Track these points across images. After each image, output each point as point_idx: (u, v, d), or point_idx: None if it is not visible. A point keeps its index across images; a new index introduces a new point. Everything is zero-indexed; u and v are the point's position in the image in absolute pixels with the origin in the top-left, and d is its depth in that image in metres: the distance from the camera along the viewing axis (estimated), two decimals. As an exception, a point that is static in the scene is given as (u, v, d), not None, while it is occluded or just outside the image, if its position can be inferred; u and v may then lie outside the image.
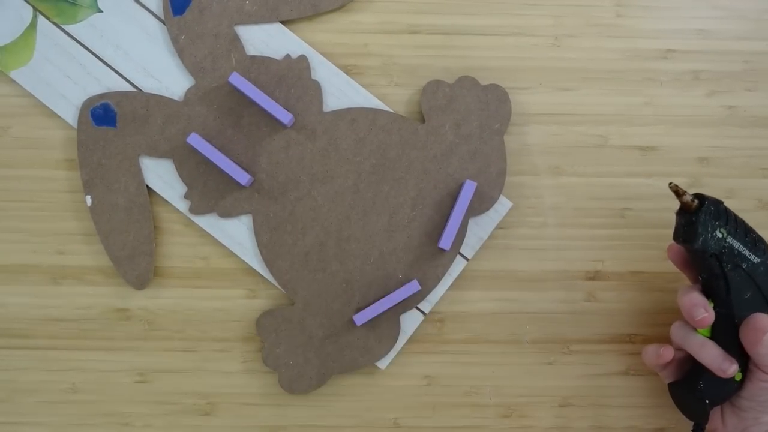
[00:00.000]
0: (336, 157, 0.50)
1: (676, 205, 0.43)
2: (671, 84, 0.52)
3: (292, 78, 0.50)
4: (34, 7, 0.50)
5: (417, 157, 0.50)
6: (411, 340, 0.51)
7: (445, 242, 0.49)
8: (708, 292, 0.43)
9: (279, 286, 0.50)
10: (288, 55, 0.50)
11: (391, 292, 0.49)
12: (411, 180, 0.50)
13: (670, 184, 0.42)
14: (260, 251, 0.50)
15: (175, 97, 0.50)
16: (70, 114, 0.50)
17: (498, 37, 0.52)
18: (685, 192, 0.42)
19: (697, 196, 0.42)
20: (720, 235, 0.41)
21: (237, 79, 0.49)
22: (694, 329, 0.44)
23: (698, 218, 0.41)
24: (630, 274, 0.52)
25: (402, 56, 0.51)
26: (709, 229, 0.41)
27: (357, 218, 0.50)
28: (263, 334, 0.50)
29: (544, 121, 0.52)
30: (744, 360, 0.43)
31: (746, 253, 0.41)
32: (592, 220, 0.52)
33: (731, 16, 0.52)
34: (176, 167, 0.50)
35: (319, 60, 0.51)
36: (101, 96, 0.50)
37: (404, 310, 0.50)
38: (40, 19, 0.50)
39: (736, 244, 0.41)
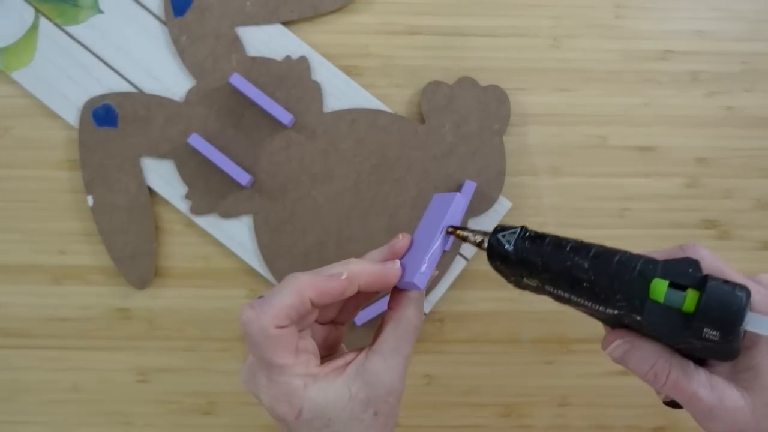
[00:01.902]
0: (336, 157, 0.50)
1: (676, 205, 0.43)
2: (670, 84, 0.52)
3: (292, 79, 0.50)
4: (35, 9, 0.50)
5: (417, 157, 0.50)
6: (411, 340, 0.51)
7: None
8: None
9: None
10: (288, 56, 0.51)
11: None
12: (411, 180, 0.50)
13: (450, 229, 0.33)
14: (260, 251, 0.50)
15: (176, 98, 0.51)
16: (71, 115, 0.51)
17: (497, 38, 0.52)
18: (468, 234, 0.32)
19: (495, 233, 0.32)
20: (534, 283, 0.31)
21: (237, 80, 0.49)
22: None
23: (494, 265, 0.32)
24: (629, 273, 0.52)
25: (402, 57, 0.52)
26: (514, 279, 0.32)
27: (357, 218, 0.50)
28: (264, 333, 0.50)
29: (544, 122, 0.52)
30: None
31: (589, 304, 0.30)
32: (591, 220, 0.52)
33: (729, 17, 0.52)
34: (177, 167, 0.50)
35: (319, 61, 0.51)
36: (102, 97, 0.50)
37: (404, 310, 0.50)
38: (42, 20, 0.51)
39: (563, 294, 0.31)
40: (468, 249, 0.51)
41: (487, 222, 0.51)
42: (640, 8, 0.52)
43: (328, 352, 0.34)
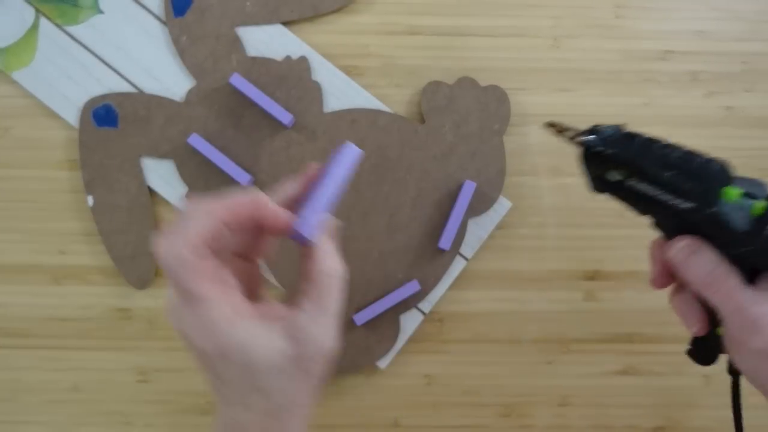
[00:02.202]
0: (336, 157, 0.50)
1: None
2: (670, 84, 0.52)
3: (292, 79, 0.50)
4: (36, 9, 0.51)
5: (417, 157, 0.50)
6: (411, 340, 0.51)
7: (445, 242, 0.49)
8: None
9: (279, 286, 0.51)
10: (288, 56, 0.51)
11: (391, 292, 0.49)
12: (411, 180, 0.50)
13: (548, 123, 0.36)
14: (261, 251, 0.50)
15: (176, 98, 0.51)
16: (71, 115, 0.51)
17: (497, 39, 0.52)
18: (565, 129, 0.35)
19: (591, 131, 0.34)
20: (618, 178, 0.34)
21: (238, 80, 0.49)
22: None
23: (585, 159, 0.34)
24: (629, 273, 0.52)
25: (402, 57, 0.52)
26: (599, 174, 0.34)
27: (357, 218, 0.50)
28: (264, 333, 0.50)
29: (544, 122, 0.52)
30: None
31: (666, 198, 0.33)
32: (591, 220, 0.52)
33: (729, 17, 0.52)
34: (177, 167, 0.50)
35: (319, 61, 0.51)
36: (103, 97, 0.50)
37: (404, 310, 0.50)
38: (42, 20, 0.51)
39: (644, 188, 0.33)
40: (468, 249, 0.51)
41: (487, 222, 0.51)
42: (640, 8, 0.52)
43: (248, 292, 0.32)
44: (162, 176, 0.51)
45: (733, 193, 0.31)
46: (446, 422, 0.52)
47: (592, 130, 0.34)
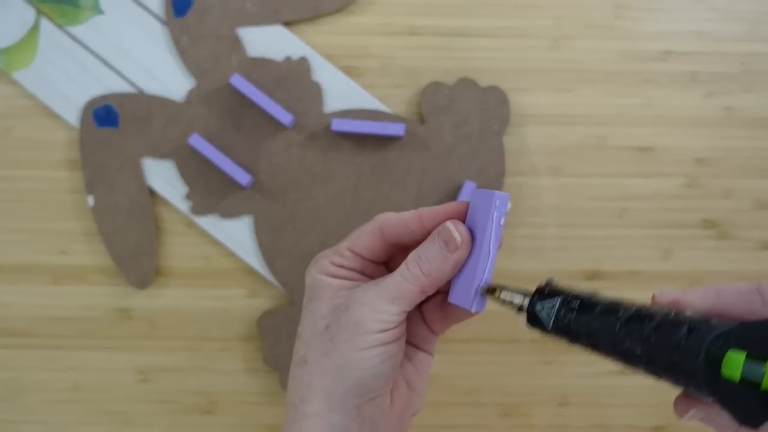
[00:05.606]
0: (336, 157, 0.50)
1: (676, 205, 0.43)
2: (669, 85, 0.52)
3: (292, 79, 0.50)
4: (36, 9, 0.51)
5: (417, 157, 0.50)
6: (411, 340, 0.51)
7: (445, 242, 0.49)
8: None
9: (279, 286, 0.51)
10: (289, 57, 0.51)
11: (391, 292, 0.49)
12: (411, 180, 0.50)
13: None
14: (260, 251, 0.50)
15: (177, 99, 0.51)
16: (72, 115, 0.51)
17: (497, 39, 0.52)
18: (506, 296, 0.32)
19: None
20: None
21: (238, 81, 0.49)
22: None
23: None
24: (628, 273, 0.52)
25: (402, 58, 0.52)
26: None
27: (357, 219, 0.50)
28: (264, 333, 0.50)
29: (543, 122, 0.52)
30: None
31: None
32: (590, 220, 0.52)
33: (728, 17, 0.52)
34: (177, 168, 0.50)
35: (319, 61, 0.51)
36: (103, 97, 0.50)
37: (404, 310, 0.51)
38: (43, 21, 0.51)
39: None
40: (468, 249, 0.51)
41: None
42: (639, 9, 0.52)
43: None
44: (162, 176, 0.51)
45: (735, 363, 0.22)
46: (446, 422, 0.52)
47: (534, 303, 0.30)
